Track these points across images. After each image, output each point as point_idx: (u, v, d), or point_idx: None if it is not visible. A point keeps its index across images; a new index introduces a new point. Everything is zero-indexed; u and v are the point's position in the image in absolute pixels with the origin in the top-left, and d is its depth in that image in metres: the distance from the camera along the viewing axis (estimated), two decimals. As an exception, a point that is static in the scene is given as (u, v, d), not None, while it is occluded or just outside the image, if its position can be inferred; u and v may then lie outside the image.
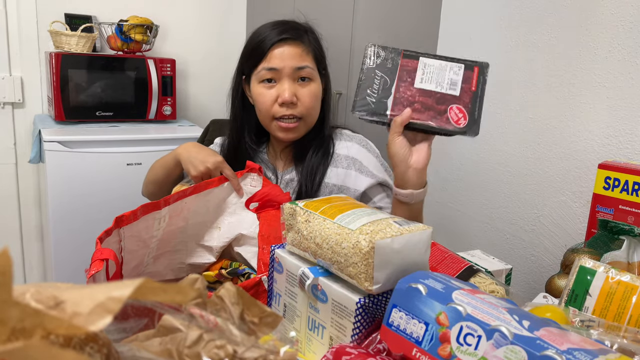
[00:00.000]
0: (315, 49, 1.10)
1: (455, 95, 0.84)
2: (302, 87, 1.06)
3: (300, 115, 1.06)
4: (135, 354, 0.35)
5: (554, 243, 1.50)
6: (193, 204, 0.97)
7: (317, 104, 1.10)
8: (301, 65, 1.05)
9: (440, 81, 0.84)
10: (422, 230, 0.63)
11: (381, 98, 0.85)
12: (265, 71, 1.05)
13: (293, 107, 1.05)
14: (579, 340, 0.46)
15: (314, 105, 1.08)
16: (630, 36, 1.28)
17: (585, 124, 1.40)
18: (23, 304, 0.27)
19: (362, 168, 1.12)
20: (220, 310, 0.40)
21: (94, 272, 0.68)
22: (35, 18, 2.15)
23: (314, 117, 1.10)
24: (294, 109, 1.05)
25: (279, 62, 1.04)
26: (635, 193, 0.97)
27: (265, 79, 1.06)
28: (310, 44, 1.09)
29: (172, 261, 0.99)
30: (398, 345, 0.54)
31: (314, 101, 1.08)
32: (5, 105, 2.16)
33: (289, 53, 1.05)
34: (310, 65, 1.07)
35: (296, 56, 1.05)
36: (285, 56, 1.05)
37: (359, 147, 1.15)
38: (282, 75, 1.05)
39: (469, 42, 1.80)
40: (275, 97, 1.05)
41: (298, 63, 1.05)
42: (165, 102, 2.17)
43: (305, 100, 1.06)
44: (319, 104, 1.11)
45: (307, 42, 1.08)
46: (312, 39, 1.11)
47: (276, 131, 1.08)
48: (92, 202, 1.87)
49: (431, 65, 0.85)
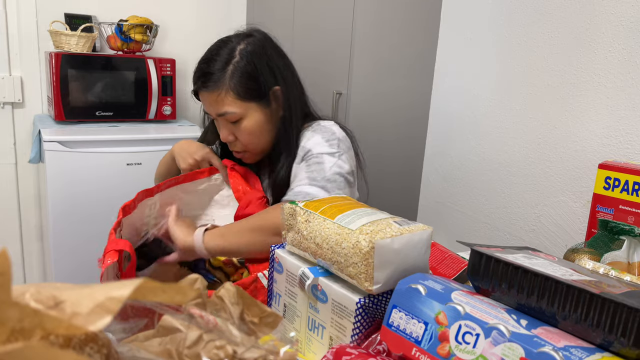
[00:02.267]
0: (238, 84, 1.00)
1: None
2: (235, 127, 1.04)
3: (242, 149, 1.08)
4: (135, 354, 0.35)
5: (554, 243, 1.50)
6: (186, 196, 0.99)
7: (258, 134, 1.05)
8: (220, 112, 1.02)
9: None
10: (422, 230, 0.63)
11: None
12: (204, 112, 1.11)
13: (234, 144, 1.07)
14: (575, 338, 0.46)
15: (251, 140, 1.05)
16: (630, 36, 1.28)
17: (585, 124, 1.40)
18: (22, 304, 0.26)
19: (308, 155, 1.03)
20: (220, 310, 0.40)
21: (109, 262, 0.68)
22: (35, 18, 2.15)
23: (259, 147, 1.07)
24: (235, 145, 1.07)
25: (207, 109, 1.06)
26: (635, 193, 0.97)
27: (211, 118, 1.12)
28: (229, 82, 1.00)
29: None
30: (398, 345, 0.54)
31: (250, 137, 1.04)
32: (5, 105, 2.16)
33: (208, 100, 1.03)
34: (230, 109, 1.01)
35: (213, 104, 1.02)
36: (206, 104, 1.05)
37: (312, 132, 1.07)
38: (216, 118, 1.06)
39: (469, 42, 1.80)
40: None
41: (217, 110, 1.02)
42: (165, 102, 2.17)
43: (241, 138, 1.05)
44: (260, 134, 1.05)
45: (222, 83, 1.00)
46: (236, 73, 1.00)
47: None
48: (92, 202, 1.87)
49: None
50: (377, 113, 1.99)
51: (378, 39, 1.91)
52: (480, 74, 1.74)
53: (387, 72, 1.96)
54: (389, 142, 2.00)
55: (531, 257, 0.58)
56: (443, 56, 1.95)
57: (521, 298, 0.51)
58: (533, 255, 0.60)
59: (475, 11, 1.75)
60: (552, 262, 0.58)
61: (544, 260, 0.58)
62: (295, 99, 1.08)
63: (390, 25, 1.92)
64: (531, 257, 0.58)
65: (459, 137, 1.87)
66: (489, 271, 0.54)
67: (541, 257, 0.60)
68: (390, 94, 1.99)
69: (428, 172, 2.07)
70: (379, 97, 1.97)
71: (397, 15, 1.92)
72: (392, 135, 2.02)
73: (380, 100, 1.98)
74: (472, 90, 1.78)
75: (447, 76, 1.93)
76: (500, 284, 0.53)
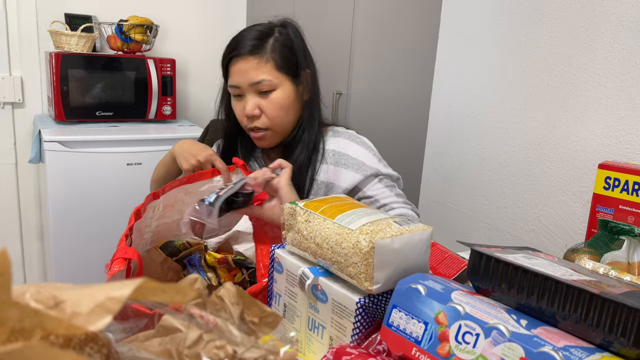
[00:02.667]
0: (279, 55, 1.06)
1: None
2: (265, 99, 1.06)
3: (266, 127, 1.08)
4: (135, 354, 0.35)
5: (554, 243, 1.50)
6: (187, 197, 0.98)
7: (286, 111, 1.08)
8: (256, 80, 1.04)
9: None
10: (422, 230, 0.63)
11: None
12: (231, 88, 1.09)
13: (258, 120, 1.07)
14: (575, 338, 0.46)
15: (279, 114, 1.07)
16: (630, 36, 1.28)
17: (585, 124, 1.40)
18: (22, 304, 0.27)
19: (348, 162, 1.10)
20: (220, 310, 0.40)
21: (115, 270, 0.68)
22: (35, 18, 2.15)
23: (284, 124, 1.09)
24: (259, 121, 1.07)
25: (237, 79, 1.06)
26: (635, 193, 0.97)
27: (235, 95, 1.09)
28: (271, 52, 1.05)
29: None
30: (398, 345, 0.54)
31: (278, 110, 1.07)
32: (5, 105, 2.16)
33: (243, 68, 1.05)
34: (267, 77, 1.04)
35: (250, 70, 1.04)
36: (241, 72, 1.05)
37: (348, 141, 1.14)
38: (244, 90, 1.06)
39: (469, 42, 1.80)
40: (243, 110, 1.08)
41: (253, 78, 1.04)
42: (165, 102, 2.17)
43: (268, 111, 1.06)
44: (288, 110, 1.09)
45: (264, 50, 1.05)
46: (277, 44, 1.07)
47: (254, 140, 1.12)
48: (92, 202, 1.87)
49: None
50: (377, 113, 1.99)
51: (378, 39, 1.91)
52: (480, 74, 1.74)
53: (387, 72, 1.96)
54: (389, 142, 2.00)
55: (531, 257, 0.58)
56: (443, 56, 1.95)
57: (521, 298, 0.51)
58: (533, 255, 0.60)
59: (475, 11, 1.75)
60: (552, 262, 0.58)
61: (543, 261, 0.58)
62: (318, 88, 1.15)
63: (390, 25, 1.92)
64: (531, 257, 0.58)
65: (459, 137, 1.87)
66: (489, 271, 0.54)
67: (541, 257, 0.60)
68: (390, 94, 1.99)
69: (428, 172, 2.07)
70: (379, 97, 1.97)
71: (397, 15, 1.92)
72: (392, 135, 2.02)
73: (380, 100, 1.98)
74: (472, 90, 1.78)
75: (447, 76, 1.93)
76: (500, 284, 0.53)
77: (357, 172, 1.09)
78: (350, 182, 1.09)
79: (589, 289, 0.46)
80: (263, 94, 1.06)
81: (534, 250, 0.65)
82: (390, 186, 1.12)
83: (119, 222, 1.92)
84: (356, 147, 1.13)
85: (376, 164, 1.12)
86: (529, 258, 0.57)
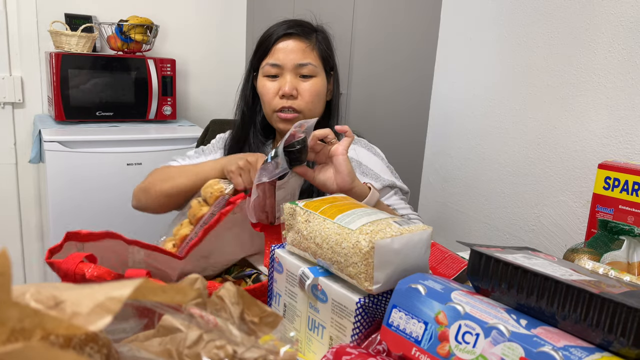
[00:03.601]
0: (322, 47, 1.12)
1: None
2: (304, 82, 1.09)
3: (299, 109, 1.09)
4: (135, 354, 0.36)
5: (554, 243, 1.50)
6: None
7: (318, 100, 1.11)
8: (303, 62, 1.08)
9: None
10: (422, 230, 0.63)
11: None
12: (269, 67, 1.09)
13: (292, 100, 1.08)
14: (575, 338, 0.46)
15: (313, 100, 1.10)
16: (630, 36, 1.28)
17: (585, 124, 1.40)
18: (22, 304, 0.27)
19: (367, 171, 1.12)
20: (220, 310, 0.40)
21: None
22: (35, 18, 2.15)
23: (314, 113, 1.11)
24: (294, 102, 1.08)
25: (282, 57, 1.08)
26: (635, 193, 0.97)
27: (270, 74, 1.09)
28: (317, 42, 1.11)
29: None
30: (398, 345, 0.54)
31: (314, 96, 1.10)
32: (5, 105, 2.16)
33: (292, 48, 1.08)
34: (313, 62, 1.09)
35: (299, 51, 1.08)
36: (288, 51, 1.08)
37: (365, 150, 1.16)
38: (284, 70, 1.08)
39: (469, 42, 1.80)
40: (277, 90, 1.08)
41: (300, 59, 1.08)
42: (165, 102, 2.17)
43: (305, 95, 1.08)
44: (320, 101, 1.12)
45: (313, 39, 1.11)
46: (321, 38, 1.13)
47: (277, 122, 1.11)
48: (92, 202, 1.87)
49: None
50: (377, 113, 1.99)
51: (378, 39, 1.91)
52: (480, 74, 1.74)
53: (387, 72, 1.96)
54: (388, 142, 2.00)
55: (531, 257, 0.58)
56: (443, 56, 1.95)
57: (521, 298, 0.51)
58: (533, 255, 0.60)
59: (475, 11, 1.75)
60: (552, 262, 0.58)
61: (543, 261, 0.58)
62: (339, 94, 1.19)
63: (390, 25, 1.92)
64: (531, 257, 0.58)
65: (459, 137, 1.87)
66: (489, 271, 0.54)
67: (541, 257, 0.60)
68: (390, 94, 1.99)
69: (428, 172, 2.07)
70: (379, 97, 1.97)
71: (397, 15, 1.92)
72: (392, 135, 2.02)
73: (380, 100, 1.98)
74: (472, 90, 1.78)
75: (447, 76, 1.93)
76: (500, 284, 0.53)
77: (376, 181, 1.10)
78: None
79: (588, 289, 0.46)
80: (302, 78, 1.09)
81: (534, 251, 0.65)
82: (403, 199, 1.14)
83: (119, 222, 1.93)
84: (373, 157, 1.15)
85: (390, 176, 1.14)
86: (529, 258, 0.57)
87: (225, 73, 2.53)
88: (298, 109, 1.09)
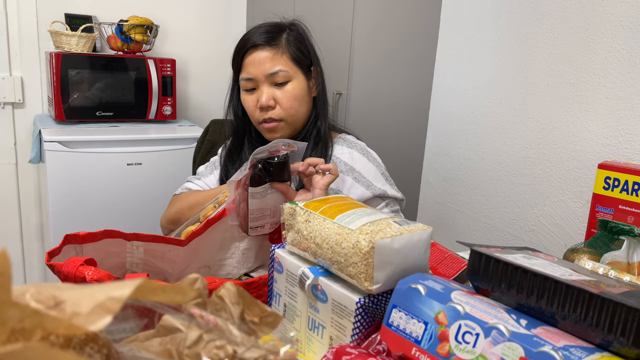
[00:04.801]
0: (293, 48, 1.09)
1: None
2: (279, 90, 1.08)
3: (279, 117, 1.09)
4: (135, 354, 0.35)
5: (554, 243, 1.50)
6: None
7: (299, 103, 1.10)
8: (273, 70, 1.07)
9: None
10: (422, 230, 0.63)
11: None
12: (244, 81, 1.10)
13: (272, 111, 1.08)
14: (575, 338, 0.46)
15: (292, 105, 1.09)
16: (630, 36, 1.28)
17: (585, 124, 1.40)
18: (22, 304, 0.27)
19: (359, 178, 1.11)
20: (220, 310, 0.40)
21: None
22: (35, 18, 2.15)
23: (297, 116, 1.11)
24: (273, 112, 1.08)
25: (253, 71, 1.07)
26: (635, 193, 0.97)
27: (246, 88, 1.10)
28: (286, 45, 1.09)
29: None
30: (398, 345, 0.54)
31: (292, 102, 1.09)
32: (5, 105, 2.16)
33: (260, 59, 1.07)
34: (284, 67, 1.07)
35: (268, 61, 1.07)
36: (256, 63, 1.07)
37: (360, 155, 1.15)
38: (258, 82, 1.08)
39: (469, 42, 1.80)
40: (256, 102, 1.09)
41: (270, 69, 1.07)
42: (165, 102, 2.17)
43: (283, 102, 1.08)
44: (302, 103, 1.11)
45: (281, 43, 1.08)
46: (291, 38, 1.10)
47: (264, 133, 1.13)
48: (92, 202, 1.87)
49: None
50: (376, 113, 1.99)
51: (378, 39, 1.91)
52: (480, 74, 1.74)
53: (387, 72, 1.96)
54: (388, 142, 2.00)
55: (530, 257, 0.58)
56: (443, 56, 1.95)
57: (521, 298, 0.51)
58: (532, 255, 0.60)
59: (475, 11, 1.75)
60: (552, 262, 0.58)
61: (543, 261, 0.58)
62: (325, 86, 1.17)
63: (390, 25, 1.92)
64: (530, 257, 0.58)
65: (459, 137, 1.87)
66: (489, 271, 0.54)
67: (540, 257, 0.60)
68: (390, 94, 1.99)
69: (428, 172, 2.07)
70: (378, 97, 1.97)
71: (397, 15, 1.92)
72: (392, 135, 2.02)
73: (380, 100, 1.98)
74: (472, 90, 1.78)
75: (447, 76, 1.93)
76: (500, 284, 0.53)
77: (367, 189, 1.10)
78: (359, 197, 1.10)
79: (588, 289, 0.46)
80: (278, 86, 1.08)
81: (534, 251, 0.65)
82: (395, 211, 1.13)
83: (119, 222, 1.93)
84: (368, 164, 1.14)
85: (384, 185, 1.13)
86: (529, 258, 0.57)
87: (226, 73, 2.51)
88: (278, 117, 1.09)
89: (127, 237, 0.78)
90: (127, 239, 0.78)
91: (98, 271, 0.66)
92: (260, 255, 0.95)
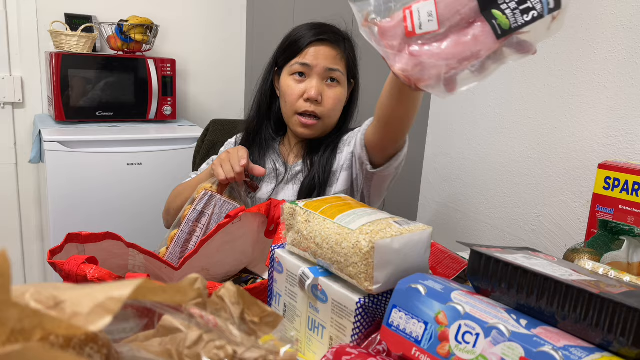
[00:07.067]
0: (349, 56, 1.15)
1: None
2: (329, 88, 1.11)
3: (321, 115, 1.11)
4: (135, 354, 0.35)
5: (554, 243, 1.50)
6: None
7: (339, 108, 1.14)
8: (333, 67, 1.10)
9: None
10: (422, 230, 0.63)
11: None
12: (298, 65, 1.10)
13: (316, 105, 1.10)
14: (575, 338, 0.46)
15: (335, 107, 1.12)
16: (630, 36, 1.28)
17: (585, 124, 1.40)
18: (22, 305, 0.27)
19: (349, 139, 1.15)
20: (220, 310, 0.40)
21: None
22: (35, 18, 2.15)
23: (333, 119, 1.14)
24: (317, 107, 1.10)
25: (313, 60, 1.09)
26: (635, 193, 0.97)
27: (297, 72, 1.10)
28: (346, 51, 1.13)
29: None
30: (398, 345, 0.54)
31: (337, 104, 1.12)
32: (5, 105, 2.16)
33: (324, 53, 1.10)
34: (341, 69, 1.11)
35: (330, 58, 1.10)
36: (320, 55, 1.09)
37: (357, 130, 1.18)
38: (313, 72, 1.09)
39: (469, 42, 1.80)
40: (302, 92, 1.10)
41: (331, 64, 1.10)
42: (166, 102, 2.17)
43: (328, 102, 1.10)
44: (340, 109, 1.15)
45: (343, 47, 1.13)
46: (348, 47, 1.15)
47: (296, 126, 1.13)
48: (92, 202, 1.87)
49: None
50: (377, 113, 1.98)
51: (378, 39, 1.91)
52: (480, 74, 1.74)
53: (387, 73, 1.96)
54: (389, 142, 2.00)
55: (531, 258, 0.58)
56: (443, 56, 1.95)
57: (521, 298, 0.51)
58: (532, 255, 0.60)
59: (475, 11, 1.75)
60: (552, 262, 0.58)
61: (543, 261, 0.58)
62: (357, 102, 1.22)
63: (390, 25, 1.92)
64: (531, 258, 0.58)
65: (459, 137, 1.87)
66: (489, 271, 0.54)
67: (541, 258, 0.60)
68: (390, 94, 1.99)
69: (428, 172, 2.07)
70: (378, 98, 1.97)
71: (397, 15, 1.92)
72: (392, 135, 2.02)
73: (380, 100, 1.97)
74: (472, 90, 1.78)
75: (447, 76, 1.93)
76: (500, 284, 0.53)
77: (350, 147, 1.14)
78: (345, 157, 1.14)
79: (588, 289, 0.46)
80: (328, 84, 1.10)
81: (534, 251, 0.65)
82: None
83: (119, 222, 1.93)
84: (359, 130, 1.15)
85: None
86: (529, 258, 0.57)
87: (225, 73, 2.53)
88: (320, 115, 1.11)
89: (127, 245, 0.78)
90: (127, 245, 0.78)
91: (99, 269, 0.66)
92: (258, 248, 0.95)
